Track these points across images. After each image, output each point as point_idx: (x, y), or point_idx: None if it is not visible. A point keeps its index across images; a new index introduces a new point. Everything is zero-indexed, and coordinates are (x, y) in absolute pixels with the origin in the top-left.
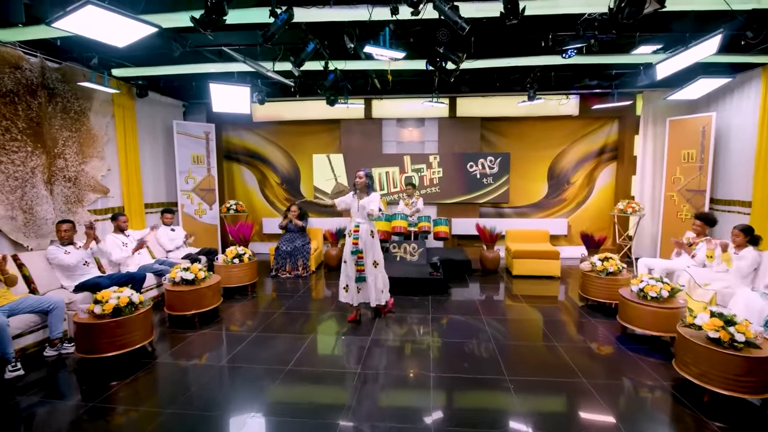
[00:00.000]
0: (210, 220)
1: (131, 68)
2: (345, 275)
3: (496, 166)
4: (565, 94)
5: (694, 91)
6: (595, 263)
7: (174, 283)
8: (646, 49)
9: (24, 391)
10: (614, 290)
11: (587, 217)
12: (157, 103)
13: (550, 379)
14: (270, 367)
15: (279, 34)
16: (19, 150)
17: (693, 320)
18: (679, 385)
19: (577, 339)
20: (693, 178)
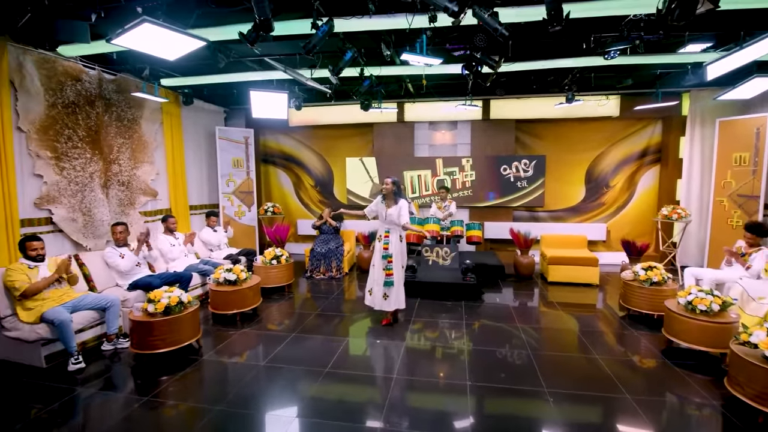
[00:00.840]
0: (248, 222)
1: (178, 78)
2: (372, 279)
3: (531, 169)
4: (605, 95)
5: (748, 91)
6: (637, 272)
7: (218, 283)
8: (695, 47)
9: (84, 383)
10: (658, 301)
11: (627, 223)
12: (201, 110)
13: (591, 393)
14: (309, 368)
15: (320, 45)
16: (79, 156)
17: (748, 338)
18: (730, 404)
19: (618, 351)
20: (745, 182)
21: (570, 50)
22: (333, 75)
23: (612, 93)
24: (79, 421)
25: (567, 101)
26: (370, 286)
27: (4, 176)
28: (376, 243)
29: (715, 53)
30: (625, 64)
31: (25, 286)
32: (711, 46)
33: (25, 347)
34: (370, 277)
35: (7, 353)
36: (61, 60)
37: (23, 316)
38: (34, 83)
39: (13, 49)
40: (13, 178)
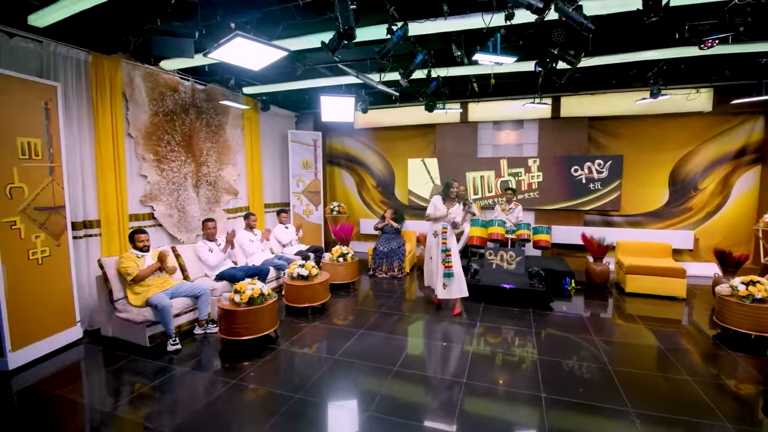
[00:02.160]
0: (315, 220)
1: (258, 86)
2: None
3: (606, 170)
4: (696, 88)
5: None
6: (736, 286)
7: (292, 278)
8: None
9: (180, 362)
10: (762, 320)
11: (720, 230)
12: (276, 115)
13: (684, 416)
14: (379, 365)
15: (394, 49)
16: (176, 159)
17: None
18: None
19: (711, 373)
20: None
21: (659, 41)
22: (403, 78)
23: (704, 86)
24: (176, 397)
25: (652, 96)
26: (431, 278)
27: (117, 177)
28: (431, 239)
29: None
30: (722, 53)
31: (135, 272)
32: None
33: (133, 327)
34: (429, 269)
35: (119, 332)
36: (162, 73)
37: (132, 300)
38: (141, 94)
39: (126, 65)
40: (124, 178)
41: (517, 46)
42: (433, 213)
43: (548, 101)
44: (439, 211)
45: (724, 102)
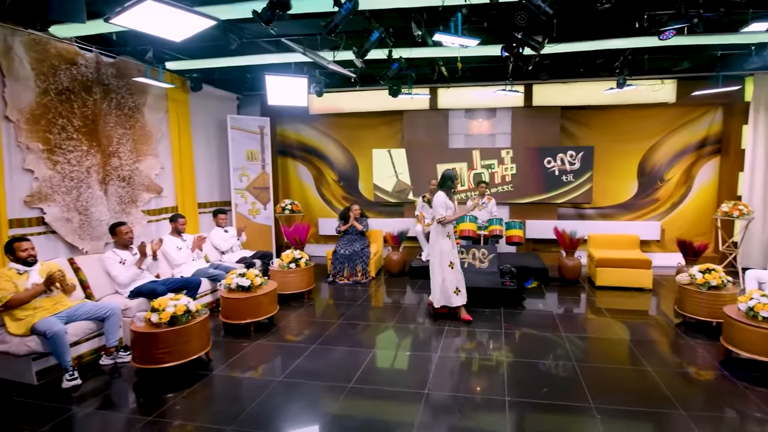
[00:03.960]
0: (264, 221)
1: (186, 61)
2: (456, 278)
3: (578, 162)
4: (660, 79)
5: None
6: (695, 275)
7: (230, 290)
8: (760, 26)
9: (81, 401)
10: (717, 307)
11: (684, 221)
12: (211, 96)
13: (643, 408)
14: (331, 383)
15: (343, 24)
16: (74, 149)
17: None
18: None
19: (673, 362)
20: None
21: (621, 30)
22: (358, 57)
23: (668, 77)
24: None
25: (618, 86)
26: (455, 286)
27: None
28: (446, 242)
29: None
30: (682, 45)
31: (9, 296)
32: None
33: (14, 362)
34: (452, 276)
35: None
36: (54, 41)
37: (12, 328)
38: (24, 67)
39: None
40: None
41: (481, 28)
42: (449, 214)
43: (520, 89)
44: (450, 210)
45: (687, 94)
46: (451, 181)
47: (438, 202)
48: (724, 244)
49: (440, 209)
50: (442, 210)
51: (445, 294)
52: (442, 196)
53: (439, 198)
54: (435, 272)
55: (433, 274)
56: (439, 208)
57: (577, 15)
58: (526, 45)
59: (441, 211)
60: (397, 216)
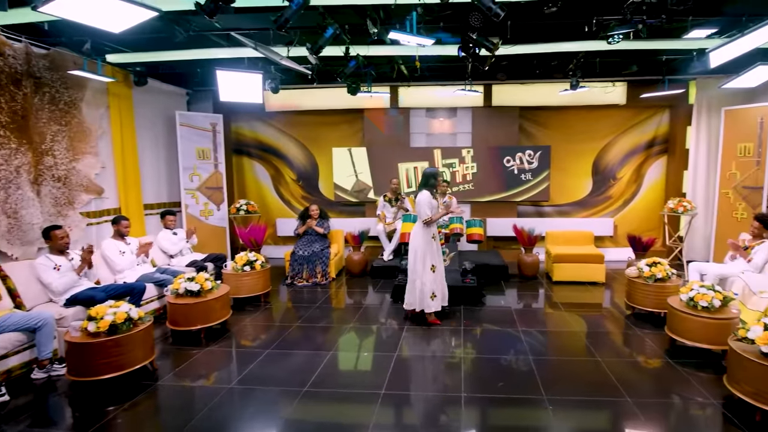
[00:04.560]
0: (218, 222)
1: (128, 54)
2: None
3: (536, 161)
4: (611, 82)
5: (752, 79)
6: (642, 269)
7: (177, 295)
8: (700, 33)
9: (9, 419)
10: (663, 298)
11: (635, 217)
12: (157, 91)
13: (591, 398)
14: (285, 388)
15: (294, 19)
16: (1, 147)
17: (746, 334)
18: (731, 403)
19: (621, 352)
20: (750, 173)
21: (572, 33)
22: (312, 54)
23: (618, 79)
24: None
25: (572, 87)
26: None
27: None
28: (428, 245)
29: (719, 40)
30: (629, 49)
31: None
32: (715, 33)
33: None
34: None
35: None
36: None
37: None
38: None
39: None
40: None
41: (437, 28)
42: (433, 213)
43: (480, 89)
44: (433, 209)
45: (636, 96)
46: (434, 179)
47: (423, 202)
48: (670, 239)
49: (425, 209)
50: (427, 210)
51: (420, 298)
52: (427, 196)
53: (423, 197)
54: (415, 275)
55: (412, 276)
56: (425, 208)
57: (529, 18)
58: (482, 46)
59: (426, 210)
60: (359, 216)
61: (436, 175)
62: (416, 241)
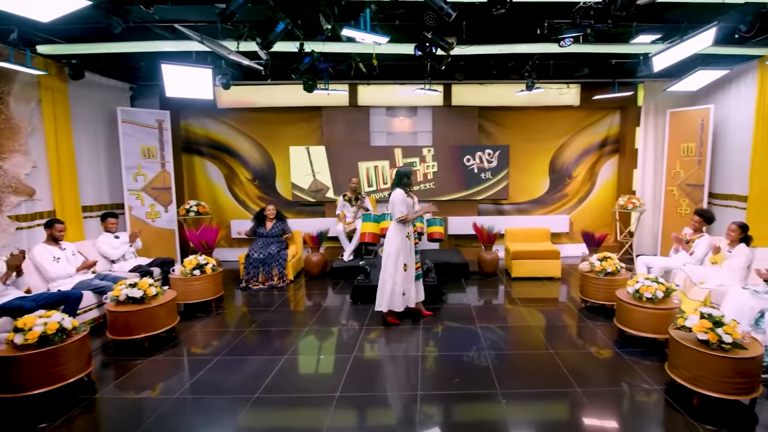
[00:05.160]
0: (166, 225)
1: (62, 45)
2: (405, 280)
3: (495, 160)
4: (566, 83)
5: (693, 83)
6: (593, 263)
7: (118, 303)
8: (645, 38)
9: None
10: (613, 291)
11: (589, 214)
12: (97, 86)
13: (543, 389)
14: (236, 396)
15: (240, 12)
16: None
17: (683, 322)
18: (672, 389)
19: (573, 345)
20: (692, 172)
21: (526, 35)
22: (262, 49)
23: (571, 81)
24: None
25: (527, 88)
26: (404, 287)
27: None
28: (402, 243)
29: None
30: (581, 52)
31: None
32: (659, 38)
33: None
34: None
35: None
36: None
37: None
38: None
39: None
40: None
41: (393, 26)
42: (408, 212)
43: (439, 88)
44: (408, 207)
45: (589, 98)
46: (407, 178)
47: (397, 200)
48: (621, 234)
49: (400, 206)
50: (402, 207)
51: (392, 298)
52: (401, 194)
53: (398, 195)
54: (386, 274)
55: (384, 275)
56: (399, 206)
57: (483, 19)
58: (437, 45)
59: (401, 208)
60: (318, 216)
61: (410, 174)
62: (390, 242)
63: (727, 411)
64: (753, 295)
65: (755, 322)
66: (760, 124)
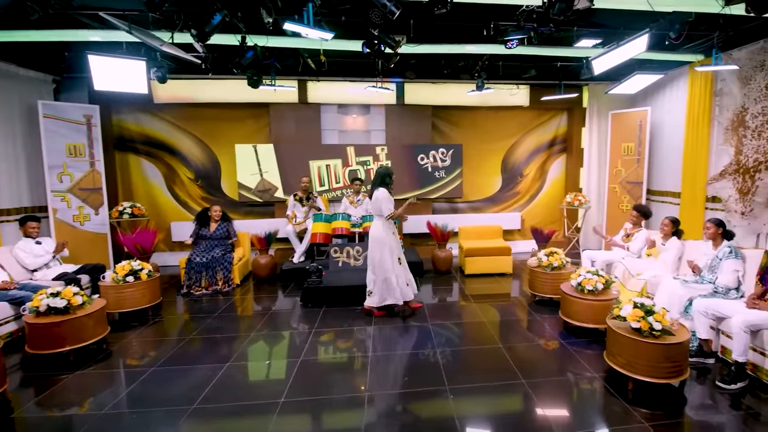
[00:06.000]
0: (96, 228)
1: None
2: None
3: (449, 159)
4: (515, 84)
5: (631, 86)
6: (541, 258)
7: (38, 314)
8: (587, 42)
9: None
10: (558, 285)
11: (540, 211)
12: (14, 77)
13: (490, 383)
14: (171, 408)
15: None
16: None
17: (619, 312)
18: (611, 376)
19: (521, 338)
20: (632, 170)
21: (473, 36)
22: (198, 42)
23: (520, 83)
24: None
25: (477, 89)
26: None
27: None
28: (391, 239)
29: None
30: (528, 54)
31: None
32: (599, 43)
33: None
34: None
35: None
36: None
37: None
38: None
39: None
40: None
41: (339, 22)
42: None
43: (392, 87)
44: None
45: (537, 99)
46: (389, 178)
47: (383, 198)
48: (569, 230)
49: (387, 204)
50: (389, 205)
51: (395, 291)
52: (386, 192)
53: (382, 194)
54: (385, 270)
55: (381, 272)
56: (387, 203)
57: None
58: (384, 43)
59: (389, 206)
60: (268, 216)
61: (392, 174)
62: (382, 239)
63: (659, 394)
64: (683, 284)
65: (685, 309)
66: (690, 126)
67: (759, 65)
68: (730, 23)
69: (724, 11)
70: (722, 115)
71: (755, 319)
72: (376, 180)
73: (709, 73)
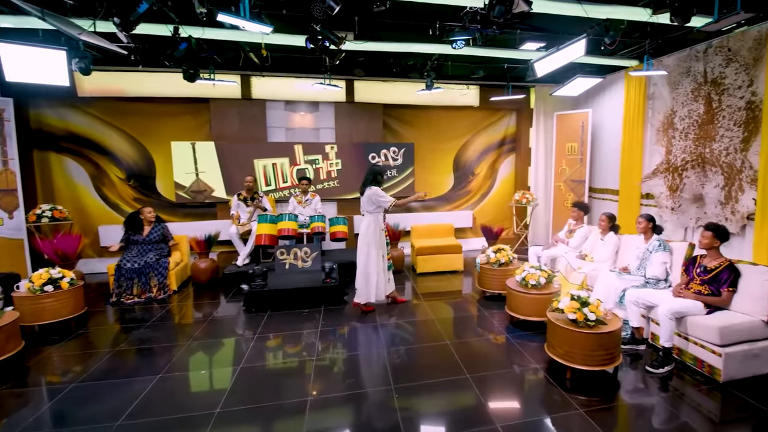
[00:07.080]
0: (11, 234)
1: None
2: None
3: (400, 157)
4: (465, 84)
5: (573, 89)
6: (489, 255)
7: None
8: (531, 46)
9: None
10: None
11: (491, 209)
12: None
13: (434, 380)
14: (91, 426)
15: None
16: None
17: (557, 305)
18: (551, 367)
19: (469, 334)
20: (575, 169)
21: (420, 35)
22: (122, 31)
23: (470, 83)
24: None
25: (427, 88)
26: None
27: None
28: (380, 237)
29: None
30: (476, 55)
31: None
32: (543, 46)
33: None
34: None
35: None
36: None
37: None
38: None
39: None
40: None
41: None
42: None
43: (341, 84)
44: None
45: (487, 99)
46: (381, 176)
47: (380, 192)
48: (518, 227)
49: (386, 197)
50: (388, 197)
51: (372, 290)
52: (379, 191)
53: (377, 190)
54: (370, 267)
55: (367, 268)
56: (385, 196)
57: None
58: (327, 38)
59: (388, 198)
60: (209, 218)
61: (384, 172)
62: (369, 236)
63: (595, 381)
64: (618, 276)
65: (619, 300)
66: (627, 127)
67: (685, 71)
68: (658, 31)
69: (652, 20)
70: (654, 117)
71: (679, 307)
72: (368, 178)
73: (643, 77)
